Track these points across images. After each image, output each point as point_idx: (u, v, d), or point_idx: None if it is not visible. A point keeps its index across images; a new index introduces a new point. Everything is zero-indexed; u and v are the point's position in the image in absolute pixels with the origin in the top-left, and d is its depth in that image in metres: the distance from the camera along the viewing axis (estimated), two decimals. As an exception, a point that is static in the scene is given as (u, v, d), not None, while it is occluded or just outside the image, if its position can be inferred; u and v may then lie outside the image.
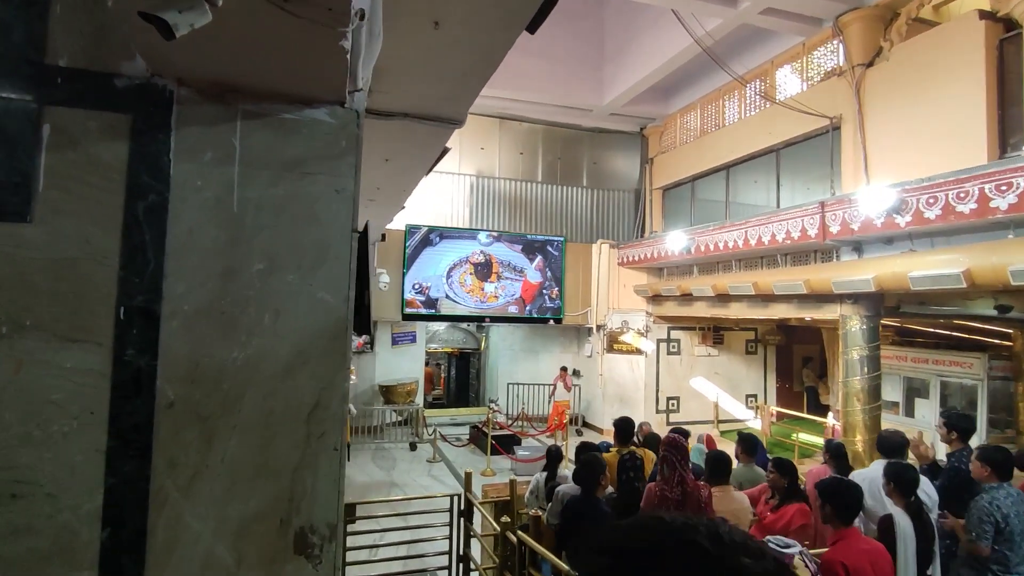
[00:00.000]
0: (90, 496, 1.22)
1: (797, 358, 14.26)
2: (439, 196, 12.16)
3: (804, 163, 9.06)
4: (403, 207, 7.99)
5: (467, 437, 11.25)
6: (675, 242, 10.01)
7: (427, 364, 15.37)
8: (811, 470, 4.26)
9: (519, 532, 3.19)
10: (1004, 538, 2.96)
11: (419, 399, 12.58)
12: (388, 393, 11.89)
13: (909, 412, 9.90)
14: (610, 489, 3.76)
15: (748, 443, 4.66)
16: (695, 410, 12.46)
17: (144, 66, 1.29)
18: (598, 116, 12.44)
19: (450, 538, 4.56)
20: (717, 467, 3.45)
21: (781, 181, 9.51)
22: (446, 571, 4.59)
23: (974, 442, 4.03)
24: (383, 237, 9.19)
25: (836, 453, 4.02)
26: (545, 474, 4.51)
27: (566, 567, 2.66)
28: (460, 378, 16.71)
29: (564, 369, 11.72)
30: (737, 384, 12.98)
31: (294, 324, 1.38)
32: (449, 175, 12.23)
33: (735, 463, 4.07)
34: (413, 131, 3.27)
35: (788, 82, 9.26)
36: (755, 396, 13.09)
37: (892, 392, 10.21)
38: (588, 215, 13.17)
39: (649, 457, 4.52)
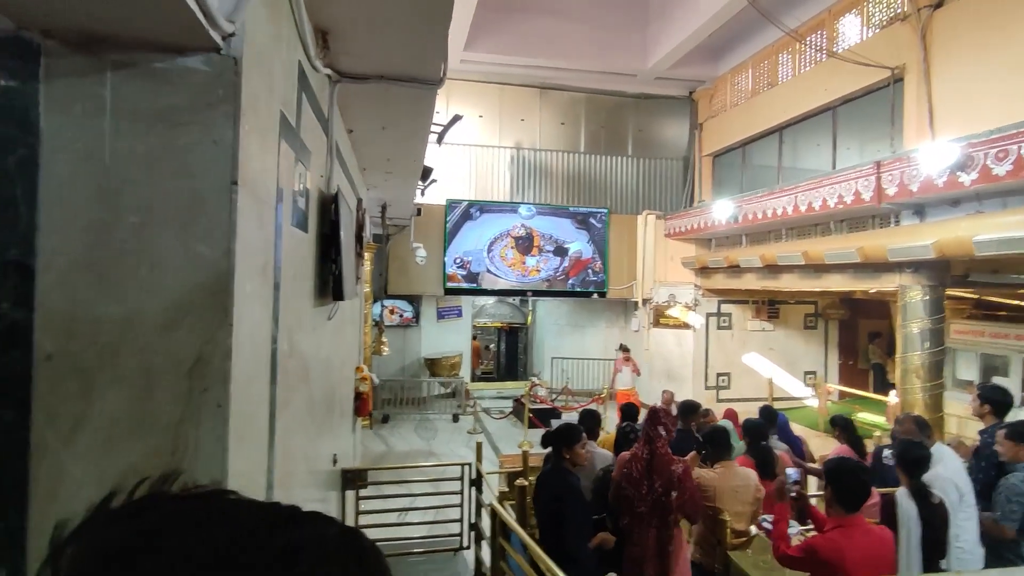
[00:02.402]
0: (-30, 444, 1.26)
1: (863, 333, 13.31)
2: (479, 170, 12.09)
3: (863, 121, 8.30)
4: (432, 180, 8.00)
5: (509, 410, 11.32)
6: (721, 211, 9.49)
7: (475, 338, 15.54)
8: (834, 451, 3.95)
9: (493, 503, 3.15)
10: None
11: (465, 372, 12.76)
12: (433, 366, 12.12)
13: (986, 392, 9.03)
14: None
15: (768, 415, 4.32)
16: (748, 387, 11.93)
17: (8, 21, 1.28)
18: (643, 81, 11.89)
19: (461, 506, 4.60)
20: (718, 442, 3.25)
21: (839, 142, 8.77)
22: (458, 538, 4.64)
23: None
24: (418, 211, 9.26)
25: (844, 427, 3.70)
26: None
27: (530, 540, 2.59)
28: (509, 352, 16.80)
29: (627, 350, 10.53)
30: (795, 361, 12.29)
31: (171, 278, 1.36)
32: (488, 148, 12.12)
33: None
34: (395, 95, 3.21)
35: (847, 33, 8.44)
36: (814, 373, 12.36)
37: (967, 370, 9.37)
38: (633, 185, 12.71)
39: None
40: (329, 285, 2.78)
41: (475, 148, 12.03)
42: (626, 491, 2.92)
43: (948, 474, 2.80)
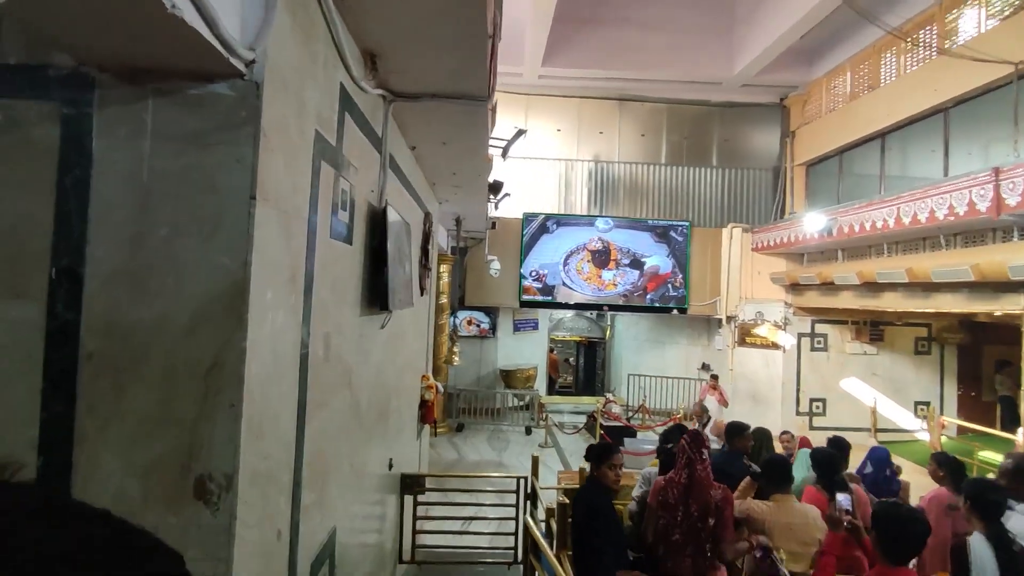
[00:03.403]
0: (28, 428, 1.44)
1: (988, 361, 11.79)
2: (556, 183, 12.12)
3: (981, 123, 7.43)
4: (505, 194, 8.12)
5: (583, 425, 11.14)
6: (814, 223, 8.84)
7: (552, 351, 15.49)
8: (929, 495, 3.49)
9: (527, 518, 3.09)
10: None
11: (540, 385, 12.74)
12: (508, 378, 12.21)
13: None
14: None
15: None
16: (846, 415, 10.96)
17: (70, 58, 1.46)
18: (728, 89, 11.41)
19: (516, 519, 4.57)
20: (774, 473, 2.99)
21: (952, 147, 7.91)
22: (513, 551, 4.61)
23: None
24: (493, 224, 9.42)
25: (950, 467, 3.24)
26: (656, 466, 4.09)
27: (552, 558, 2.51)
28: (587, 367, 16.57)
29: (715, 377, 9.65)
30: (903, 389, 11.13)
31: (193, 286, 1.48)
32: (565, 161, 12.12)
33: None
34: (448, 112, 3.31)
35: (963, 27, 7.63)
36: (927, 404, 11.11)
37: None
38: (718, 197, 12.18)
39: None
40: (378, 294, 2.89)
41: (553, 162, 12.08)
42: (662, 518, 2.76)
43: None
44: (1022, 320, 6.18)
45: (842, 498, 2.12)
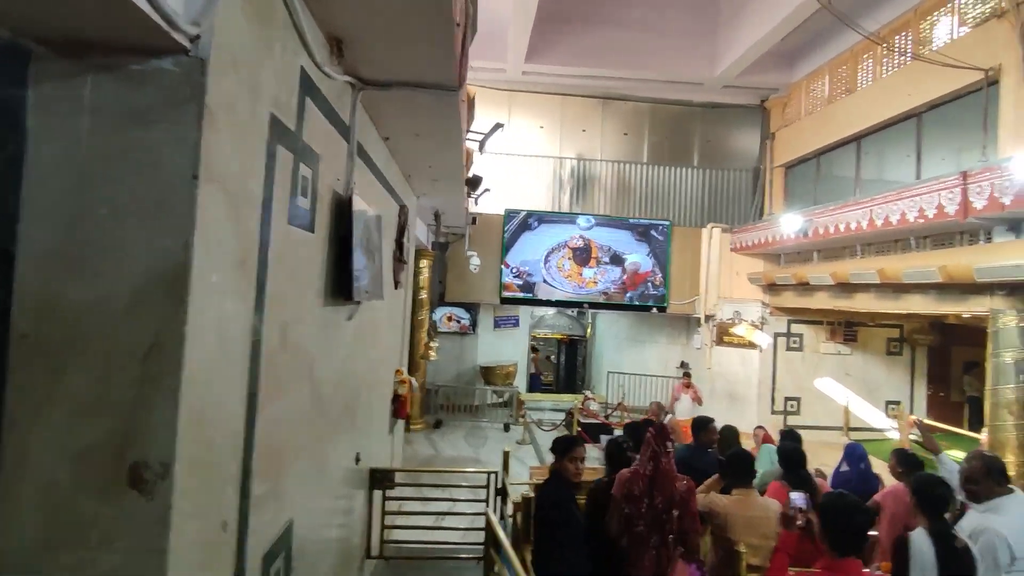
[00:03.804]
0: (-45, 412, 1.38)
1: (957, 362, 12.06)
2: (538, 180, 12.11)
3: (953, 129, 7.58)
4: (485, 190, 8.09)
5: (561, 422, 11.16)
6: (790, 224, 8.94)
7: (534, 349, 15.52)
8: (887, 489, 3.56)
9: (489, 513, 3.08)
10: None
11: (520, 382, 12.74)
12: (488, 374, 12.19)
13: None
14: None
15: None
16: (820, 414, 11.14)
17: (4, 30, 1.41)
18: (711, 89, 11.49)
19: (486, 515, 4.55)
20: (736, 467, 3.01)
21: (926, 151, 8.05)
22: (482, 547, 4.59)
23: None
24: (474, 220, 9.38)
25: (909, 464, 3.30)
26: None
27: (512, 554, 2.50)
28: (568, 365, 16.63)
29: (688, 375, 9.76)
30: (875, 389, 11.34)
31: (133, 268, 1.43)
32: (548, 159, 12.12)
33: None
34: (419, 102, 3.28)
35: (935, 33, 7.76)
36: (897, 403, 11.32)
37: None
38: (698, 197, 12.28)
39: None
40: (342, 283, 2.85)
41: (535, 159, 12.07)
42: (626, 510, 2.77)
43: (1004, 526, 2.42)
44: (988, 322, 6.31)
45: (796, 496, 2.14)
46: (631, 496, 2.86)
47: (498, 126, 5.36)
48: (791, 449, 3.57)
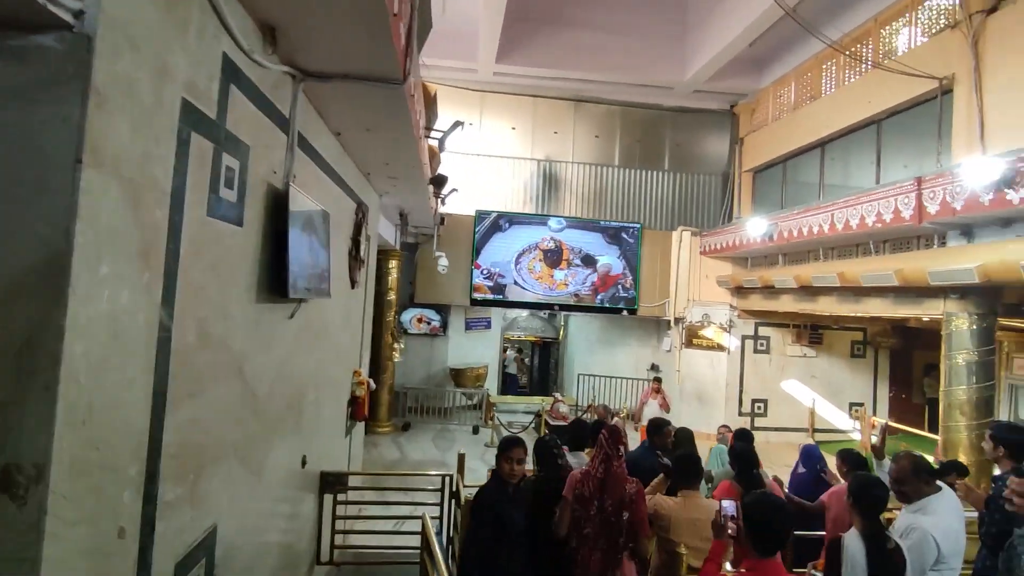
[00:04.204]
0: None
1: (918, 365, 12.34)
2: (509, 181, 12.08)
3: (910, 135, 7.75)
4: (452, 190, 8.02)
5: (531, 425, 11.11)
6: (756, 228, 9.06)
7: (519, 351, 15.49)
8: (833, 489, 3.58)
9: (424, 515, 3.02)
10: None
11: (492, 384, 12.66)
12: (458, 376, 12.09)
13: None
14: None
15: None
16: (786, 416, 11.30)
17: None
18: (681, 94, 11.60)
19: (440, 518, 4.48)
20: (682, 468, 3.00)
21: (887, 157, 8.22)
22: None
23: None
24: (442, 220, 9.29)
25: (853, 463, 3.33)
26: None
27: (439, 556, 2.44)
28: (541, 367, 16.60)
29: (658, 380, 9.49)
30: (840, 391, 11.54)
31: (7, 256, 1.34)
32: (520, 160, 12.10)
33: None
34: (366, 96, 3.21)
35: (894, 42, 7.94)
36: (861, 405, 11.54)
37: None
38: (669, 200, 12.37)
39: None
40: (278, 281, 2.75)
41: (507, 160, 12.04)
42: (576, 511, 2.75)
43: (932, 526, 2.45)
44: (942, 325, 6.44)
45: (727, 504, 2.12)
46: (581, 498, 2.83)
47: (458, 124, 5.29)
48: (742, 450, 3.57)
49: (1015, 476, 2.56)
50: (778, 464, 8.79)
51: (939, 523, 2.46)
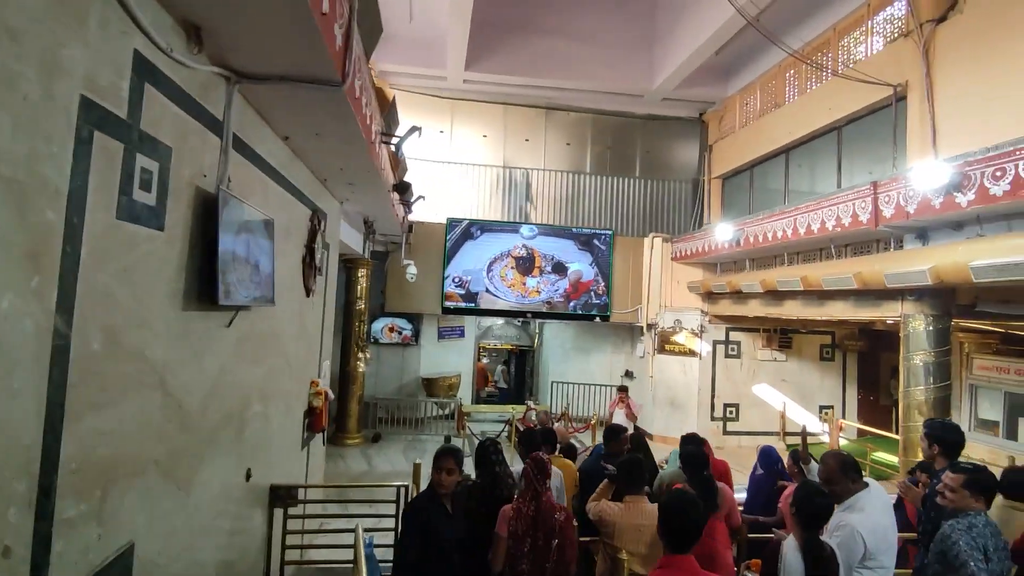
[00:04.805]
0: None
1: (885, 368, 12.53)
2: (481, 189, 12.06)
3: (868, 141, 7.91)
4: (419, 197, 7.95)
5: (503, 433, 11.02)
6: (723, 233, 9.16)
7: (481, 360, 15.37)
8: (787, 491, 3.57)
9: (357, 526, 2.95)
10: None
11: (466, 394, 12.54)
12: (430, 386, 11.96)
13: (1012, 434, 8.31)
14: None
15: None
16: (757, 420, 11.40)
17: None
18: (650, 102, 11.73)
19: (395, 530, 4.38)
20: (627, 474, 2.96)
21: (848, 163, 8.38)
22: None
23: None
24: (410, 228, 9.21)
25: (803, 463, 3.33)
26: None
27: (363, 566, 2.38)
28: (517, 375, 16.54)
29: (625, 390, 9.38)
30: (810, 394, 11.68)
31: None
32: (491, 168, 12.10)
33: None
34: (309, 99, 3.15)
35: (852, 51, 8.12)
36: (830, 408, 11.69)
37: (991, 410, 8.65)
38: (640, 207, 12.47)
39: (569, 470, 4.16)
40: (207, 286, 2.66)
41: (478, 167, 12.02)
42: (511, 548, 2.76)
43: (860, 523, 2.44)
44: (900, 327, 6.54)
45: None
46: (515, 535, 2.82)
47: (415, 129, 5.24)
48: (692, 452, 3.56)
49: (950, 472, 2.58)
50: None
51: (866, 520, 2.45)
